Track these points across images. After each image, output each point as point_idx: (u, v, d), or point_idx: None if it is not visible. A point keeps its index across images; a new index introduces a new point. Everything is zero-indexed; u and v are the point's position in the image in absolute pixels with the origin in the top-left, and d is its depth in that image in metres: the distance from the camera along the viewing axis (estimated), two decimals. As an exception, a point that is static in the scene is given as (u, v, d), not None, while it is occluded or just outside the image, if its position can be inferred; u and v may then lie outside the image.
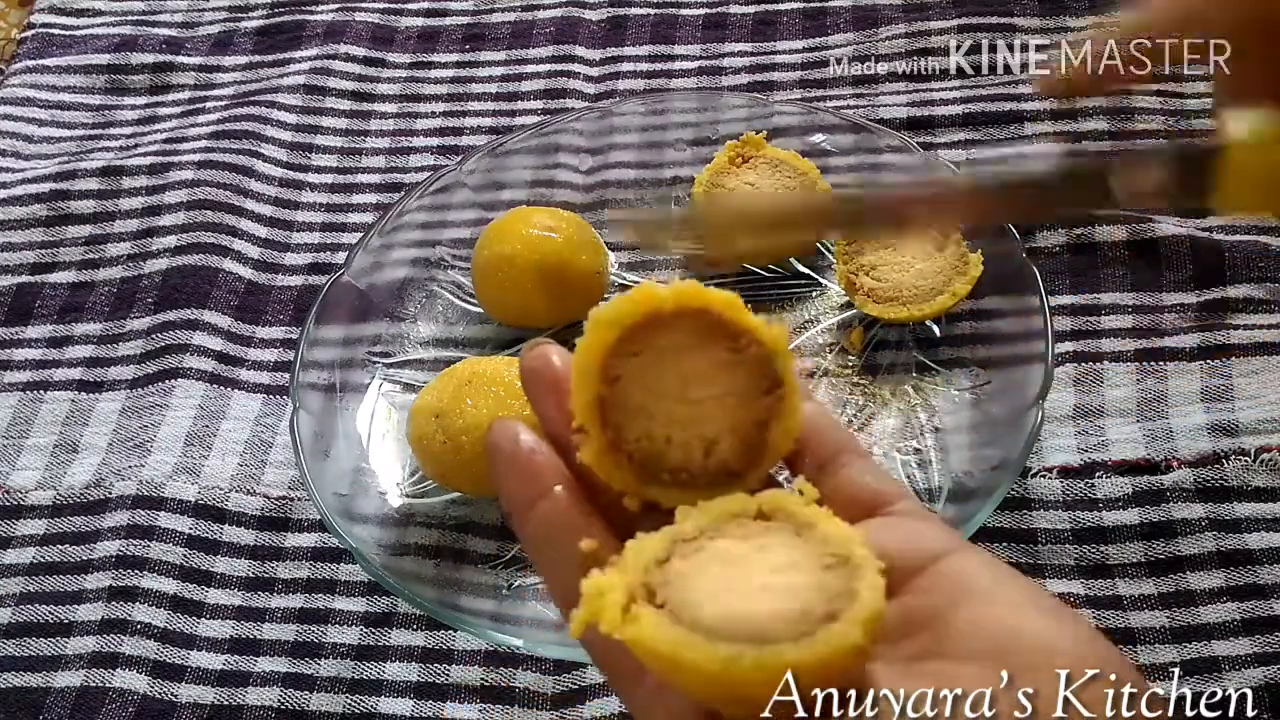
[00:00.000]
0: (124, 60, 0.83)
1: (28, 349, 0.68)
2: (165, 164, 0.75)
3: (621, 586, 0.30)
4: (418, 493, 0.60)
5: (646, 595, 0.31)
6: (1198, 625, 0.53)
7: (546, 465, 0.34)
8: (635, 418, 0.34)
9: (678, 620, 0.30)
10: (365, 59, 0.81)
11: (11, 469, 0.63)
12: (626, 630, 0.30)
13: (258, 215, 0.73)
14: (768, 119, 0.70)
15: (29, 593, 0.58)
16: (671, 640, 0.29)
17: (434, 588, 0.56)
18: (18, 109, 0.80)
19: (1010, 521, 0.57)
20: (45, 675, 0.55)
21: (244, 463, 0.62)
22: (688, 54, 0.80)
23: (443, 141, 0.77)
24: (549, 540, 0.33)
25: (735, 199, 0.54)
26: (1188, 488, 0.56)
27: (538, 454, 0.34)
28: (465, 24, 0.83)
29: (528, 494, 0.34)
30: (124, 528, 0.59)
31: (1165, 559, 0.55)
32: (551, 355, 0.35)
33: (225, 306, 0.68)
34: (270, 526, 0.60)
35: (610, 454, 0.33)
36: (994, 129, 0.73)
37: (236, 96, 0.80)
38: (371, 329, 0.65)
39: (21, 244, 0.73)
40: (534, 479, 0.34)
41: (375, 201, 0.74)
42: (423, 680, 0.55)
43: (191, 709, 0.54)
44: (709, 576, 0.31)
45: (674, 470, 0.34)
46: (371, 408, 0.63)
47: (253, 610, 0.57)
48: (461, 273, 0.68)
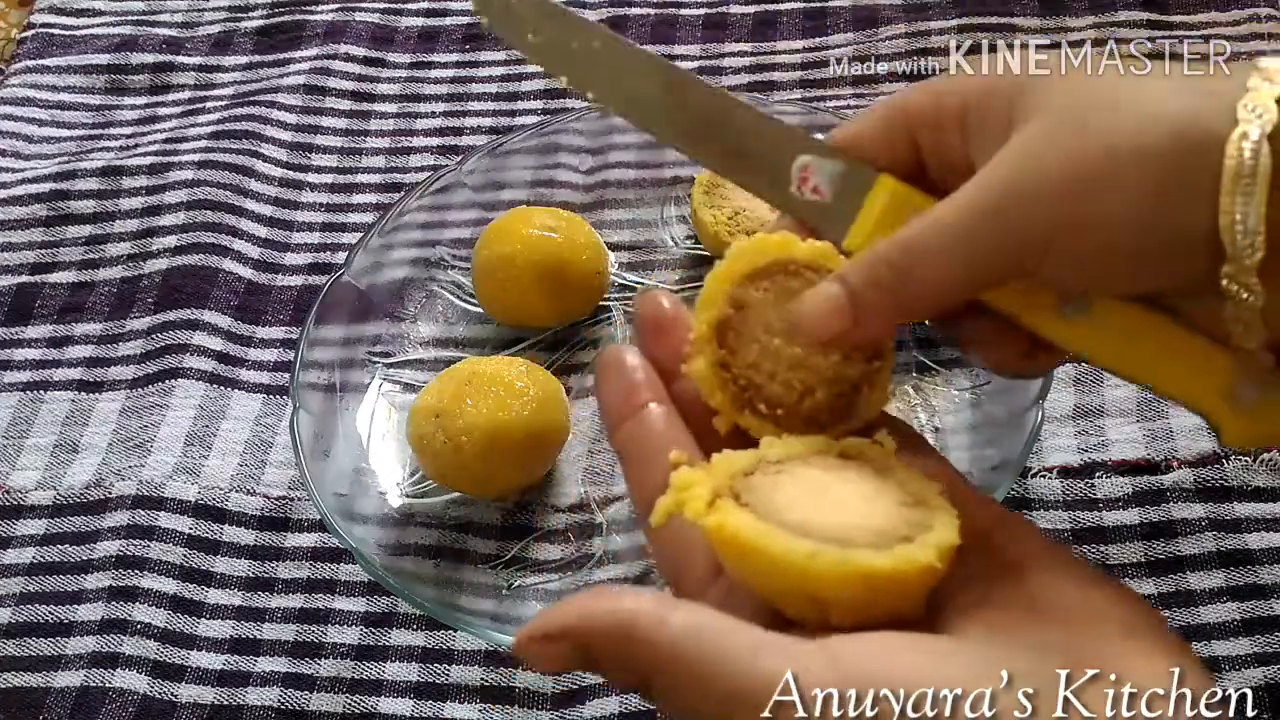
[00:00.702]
0: (124, 60, 0.83)
1: (28, 349, 0.68)
2: (165, 164, 0.75)
3: (708, 483, 0.32)
4: (418, 493, 0.60)
5: (731, 496, 0.32)
6: (1198, 625, 0.53)
7: (646, 383, 0.36)
8: (747, 346, 0.36)
9: (761, 519, 0.31)
10: (365, 59, 0.81)
11: (11, 469, 0.63)
12: (711, 518, 0.31)
13: (258, 215, 0.73)
14: (768, 119, 0.70)
15: (29, 593, 0.58)
16: (756, 530, 0.30)
17: (434, 588, 0.56)
18: (18, 109, 0.80)
19: (1010, 521, 0.57)
20: (45, 675, 0.55)
21: (244, 463, 0.62)
22: (688, 54, 0.80)
23: (443, 141, 0.77)
24: (639, 446, 0.35)
25: None
26: (1188, 488, 0.56)
27: (640, 371, 0.36)
28: (465, 24, 0.83)
29: (625, 406, 0.36)
30: (124, 528, 0.59)
31: (1165, 559, 0.55)
32: (663, 299, 0.37)
33: (225, 306, 0.68)
34: (270, 526, 0.60)
35: (716, 371, 0.36)
36: (994, 129, 0.73)
37: (236, 96, 0.80)
38: (371, 329, 0.65)
39: (21, 244, 0.73)
40: (633, 392, 0.36)
41: (375, 201, 0.74)
42: (423, 680, 0.55)
43: (191, 709, 0.54)
44: (793, 490, 0.32)
45: (769, 404, 0.36)
46: (371, 408, 0.63)
47: (253, 610, 0.57)
48: (461, 273, 0.68)
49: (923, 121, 0.36)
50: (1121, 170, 0.31)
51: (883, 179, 0.37)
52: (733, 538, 0.30)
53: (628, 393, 0.36)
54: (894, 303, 0.34)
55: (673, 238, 0.69)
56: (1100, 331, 0.34)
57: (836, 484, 0.33)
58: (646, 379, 0.36)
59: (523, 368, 0.59)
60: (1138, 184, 0.31)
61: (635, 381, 0.36)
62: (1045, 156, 0.32)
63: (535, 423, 0.57)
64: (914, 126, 0.37)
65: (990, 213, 0.33)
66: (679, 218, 0.70)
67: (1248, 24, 0.76)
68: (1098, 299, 0.34)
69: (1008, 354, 0.36)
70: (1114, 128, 0.32)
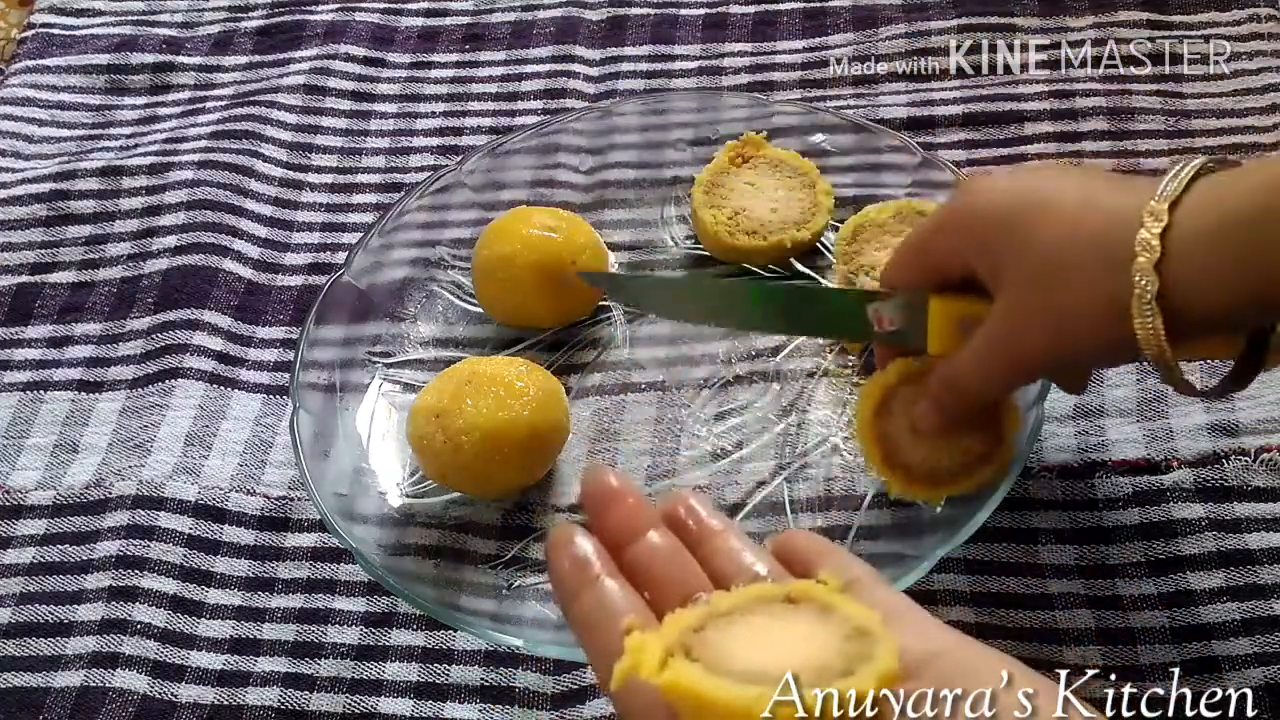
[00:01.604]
0: (124, 60, 0.83)
1: (28, 349, 0.68)
2: (165, 164, 0.75)
3: (660, 643, 0.34)
4: (418, 493, 0.60)
5: (683, 653, 0.34)
6: (1198, 625, 0.53)
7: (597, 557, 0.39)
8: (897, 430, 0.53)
9: (711, 671, 0.33)
10: (365, 59, 0.81)
11: (11, 469, 0.63)
12: (664, 676, 0.33)
13: (258, 215, 0.73)
14: (768, 119, 0.70)
15: (29, 593, 0.58)
16: (705, 683, 0.32)
17: (434, 588, 0.56)
18: (18, 109, 0.80)
19: (1010, 521, 0.57)
20: (45, 675, 0.55)
21: (244, 463, 0.62)
22: (688, 54, 0.80)
23: (443, 141, 0.77)
24: (596, 615, 0.37)
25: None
26: (1188, 488, 0.56)
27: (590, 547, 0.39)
28: (465, 24, 0.83)
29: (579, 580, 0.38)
30: (124, 528, 0.59)
31: (1165, 559, 0.55)
32: (608, 476, 0.41)
33: (225, 306, 0.68)
34: (270, 526, 0.60)
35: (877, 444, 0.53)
36: (994, 129, 0.73)
37: (236, 96, 0.80)
38: (371, 329, 0.65)
39: (21, 244, 0.73)
40: (586, 566, 0.38)
41: (375, 201, 0.74)
42: (423, 680, 0.55)
43: (191, 709, 0.54)
44: (740, 640, 0.35)
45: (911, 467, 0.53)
46: (371, 408, 0.63)
47: (253, 610, 0.57)
48: (461, 273, 0.68)
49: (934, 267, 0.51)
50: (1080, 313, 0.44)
51: (932, 300, 0.50)
52: (686, 692, 0.32)
53: (581, 567, 0.38)
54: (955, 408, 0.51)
55: (673, 238, 0.69)
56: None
57: (779, 628, 0.35)
58: (597, 553, 0.39)
59: (523, 368, 0.59)
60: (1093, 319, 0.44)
61: (587, 556, 0.39)
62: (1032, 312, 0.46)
63: (535, 423, 0.57)
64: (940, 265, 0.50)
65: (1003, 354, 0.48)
66: (679, 218, 0.70)
67: (1248, 24, 0.76)
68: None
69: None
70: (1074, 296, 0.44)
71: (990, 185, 0.49)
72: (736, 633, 0.35)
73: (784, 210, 0.66)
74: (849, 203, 0.67)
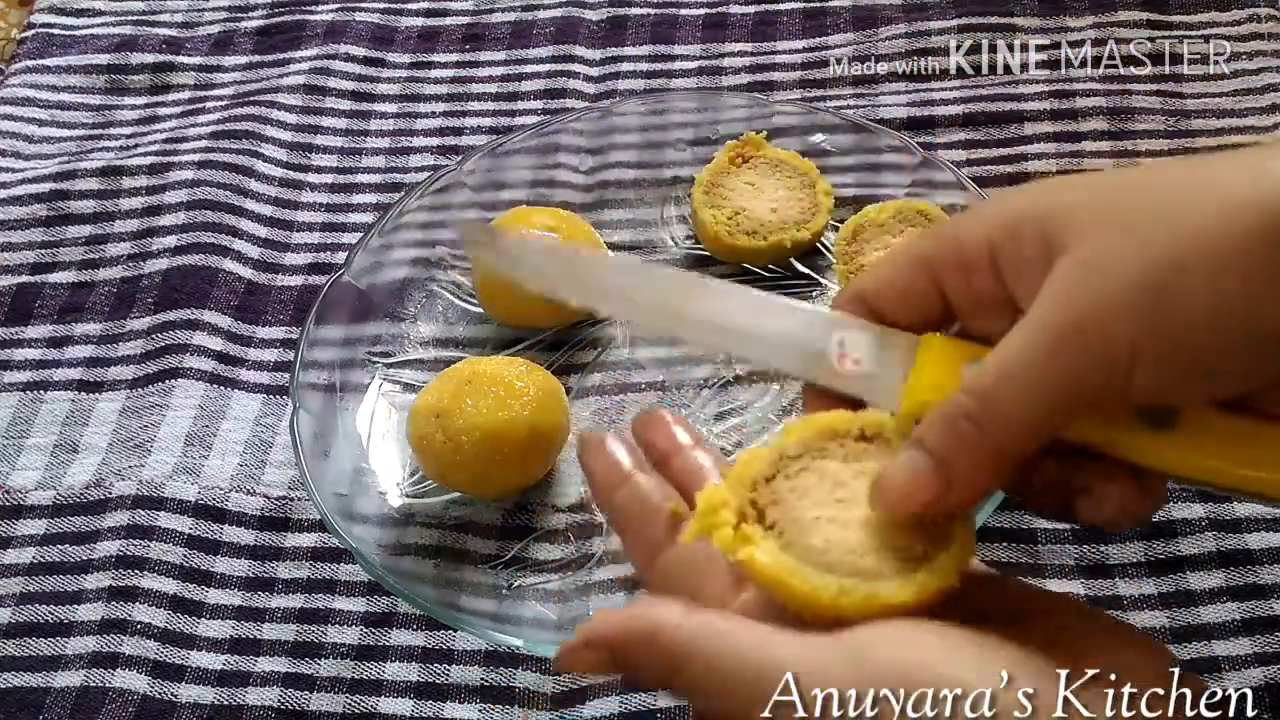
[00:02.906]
0: (124, 60, 0.83)
1: (28, 349, 0.68)
2: (165, 164, 0.75)
3: (733, 504, 0.33)
4: (418, 493, 0.60)
5: (756, 516, 0.33)
6: (1198, 625, 0.53)
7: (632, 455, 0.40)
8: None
9: (787, 545, 0.33)
10: (365, 59, 0.81)
11: (11, 469, 0.63)
12: (742, 552, 0.32)
13: (258, 215, 0.73)
14: (768, 119, 0.70)
15: (29, 593, 0.58)
16: (785, 568, 0.32)
17: (434, 588, 0.56)
18: (18, 109, 0.80)
19: (1010, 521, 0.57)
20: (45, 675, 0.55)
21: (244, 463, 0.62)
22: (688, 54, 0.80)
23: (443, 141, 0.77)
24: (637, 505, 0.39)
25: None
26: (1188, 488, 0.56)
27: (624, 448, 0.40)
28: (465, 24, 0.83)
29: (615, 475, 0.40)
30: (124, 528, 0.59)
31: (1165, 559, 0.55)
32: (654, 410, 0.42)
33: (225, 306, 0.68)
34: (270, 526, 0.60)
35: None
36: (994, 129, 0.73)
37: (236, 96, 0.80)
38: (371, 329, 0.65)
39: (21, 244, 0.73)
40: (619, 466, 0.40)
41: (375, 201, 0.74)
42: (423, 680, 0.55)
43: (191, 709, 0.54)
44: (814, 500, 0.34)
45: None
46: (371, 408, 0.63)
47: (253, 610, 0.57)
48: (461, 273, 0.68)
49: (947, 270, 0.35)
50: (1202, 273, 0.30)
51: (928, 338, 0.36)
52: (762, 572, 0.32)
53: (615, 465, 0.40)
54: (983, 456, 0.32)
55: (673, 238, 0.69)
56: (1193, 443, 0.33)
57: (853, 478, 0.34)
58: (630, 450, 0.40)
59: (523, 368, 0.59)
60: (1224, 287, 0.30)
61: (622, 456, 0.40)
62: (1114, 267, 0.31)
63: (535, 423, 0.57)
64: (939, 275, 0.35)
65: (1068, 335, 0.31)
66: (679, 218, 0.70)
67: (1248, 24, 0.76)
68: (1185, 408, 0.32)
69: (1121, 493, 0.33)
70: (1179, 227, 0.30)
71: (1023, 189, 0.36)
72: (809, 486, 0.34)
73: (784, 210, 0.66)
74: (849, 203, 0.67)
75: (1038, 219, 0.33)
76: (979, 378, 0.32)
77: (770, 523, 0.33)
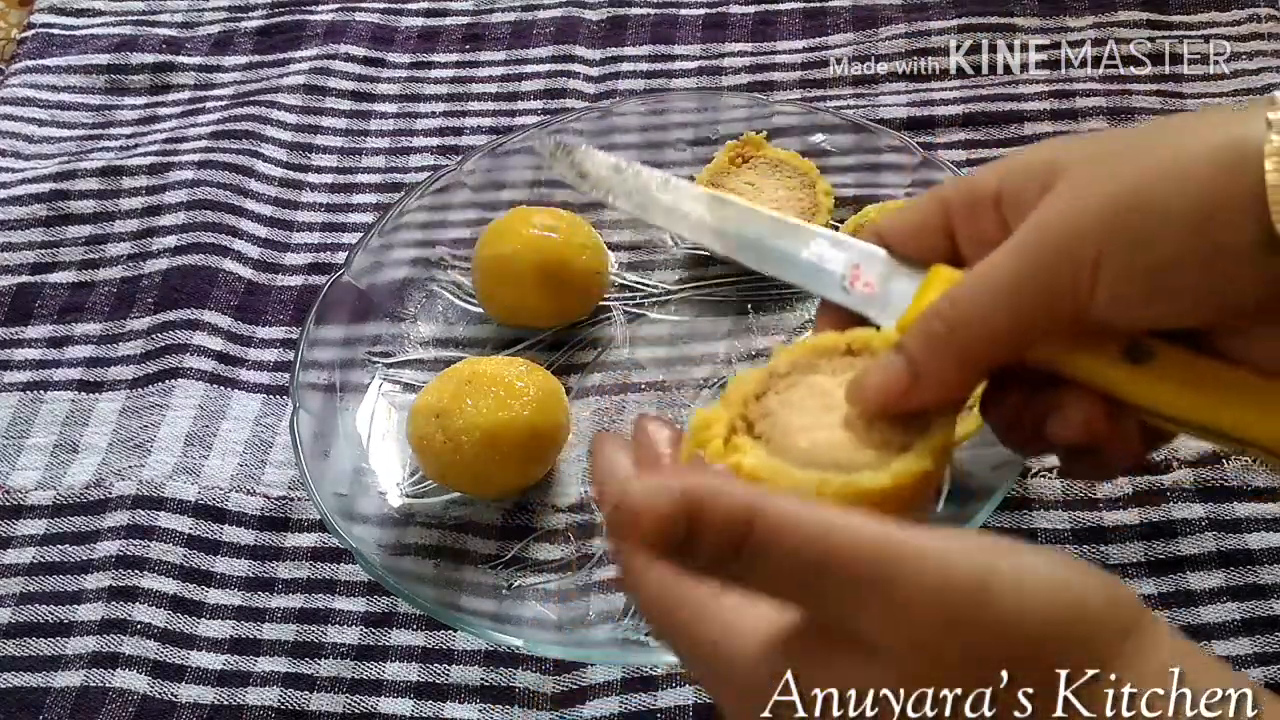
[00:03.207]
0: (124, 60, 0.83)
1: (28, 349, 0.68)
2: (165, 164, 0.75)
3: (724, 420, 0.35)
4: (418, 493, 0.60)
5: (746, 428, 0.35)
6: (1198, 625, 0.53)
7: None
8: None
9: (775, 452, 0.34)
10: (365, 59, 0.81)
11: (11, 469, 0.63)
12: (730, 458, 0.34)
13: (258, 215, 0.73)
14: (768, 119, 0.70)
15: (29, 593, 0.58)
16: (768, 469, 0.34)
17: (434, 588, 0.56)
18: (18, 109, 0.80)
19: (1010, 521, 0.57)
20: (45, 675, 0.55)
21: (244, 463, 0.62)
22: (688, 54, 0.80)
23: (443, 141, 0.77)
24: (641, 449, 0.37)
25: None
26: (1188, 488, 0.56)
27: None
28: (465, 24, 0.83)
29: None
30: (124, 528, 0.59)
31: (1165, 559, 0.55)
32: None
33: (225, 306, 0.68)
34: (270, 526, 0.60)
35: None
36: (994, 129, 0.73)
37: (236, 96, 0.80)
38: (371, 329, 0.65)
39: (21, 244, 0.73)
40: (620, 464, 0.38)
41: (375, 201, 0.74)
42: (423, 680, 0.55)
43: (191, 709, 0.54)
44: (801, 410, 0.35)
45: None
46: (371, 408, 0.63)
47: (253, 610, 0.57)
48: (461, 273, 0.68)
49: (958, 210, 0.38)
50: (1162, 194, 0.33)
51: (937, 268, 0.38)
52: (749, 476, 0.34)
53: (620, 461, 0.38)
54: (950, 355, 0.35)
55: (673, 238, 0.69)
56: (1167, 379, 0.35)
57: (841, 391, 0.36)
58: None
59: (523, 368, 0.59)
60: (1180, 205, 0.32)
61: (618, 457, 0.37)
62: (1085, 193, 0.34)
63: (535, 423, 0.57)
64: (951, 216, 0.38)
65: (1034, 250, 0.34)
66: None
67: (1248, 24, 0.76)
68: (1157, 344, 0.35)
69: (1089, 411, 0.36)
70: (1149, 161, 0.33)
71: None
72: (797, 399, 0.35)
73: (784, 210, 0.66)
74: (849, 203, 0.67)
75: (1040, 165, 0.36)
76: (956, 287, 0.36)
77: (759, 433, 0.35)
